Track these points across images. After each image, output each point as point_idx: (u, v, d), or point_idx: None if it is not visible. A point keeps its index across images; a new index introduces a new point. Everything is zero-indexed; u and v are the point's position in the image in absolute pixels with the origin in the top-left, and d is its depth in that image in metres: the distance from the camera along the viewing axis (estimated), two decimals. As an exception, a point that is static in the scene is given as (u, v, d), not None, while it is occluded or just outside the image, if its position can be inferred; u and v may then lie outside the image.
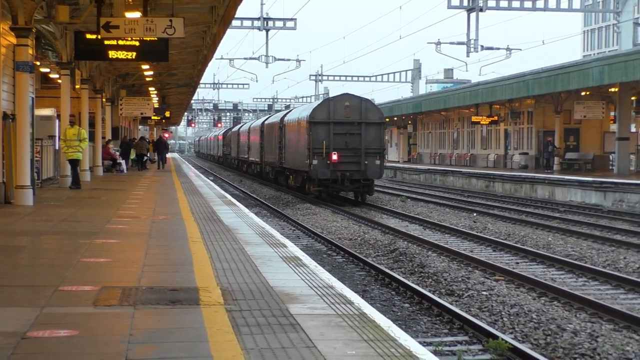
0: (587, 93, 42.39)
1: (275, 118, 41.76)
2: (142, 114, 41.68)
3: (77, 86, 28.72)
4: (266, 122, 43.89)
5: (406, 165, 58.91)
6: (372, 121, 30.61)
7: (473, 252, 18.10)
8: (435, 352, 8.94)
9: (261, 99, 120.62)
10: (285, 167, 36.77)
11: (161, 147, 45.00)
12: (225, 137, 78.25)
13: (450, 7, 46.06)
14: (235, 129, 67.11)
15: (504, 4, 46.59)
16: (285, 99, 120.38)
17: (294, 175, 35.06)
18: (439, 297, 12.27)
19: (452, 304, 11.82)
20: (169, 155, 68.60)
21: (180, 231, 12.84)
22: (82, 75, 28.77)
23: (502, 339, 9.37)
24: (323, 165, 30.47)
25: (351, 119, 30.49)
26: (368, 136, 30.49)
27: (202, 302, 7.16)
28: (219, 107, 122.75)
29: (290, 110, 39.92)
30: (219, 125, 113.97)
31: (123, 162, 37.82)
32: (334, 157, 30.26)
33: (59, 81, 25.69)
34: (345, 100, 30.89)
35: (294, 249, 10.97)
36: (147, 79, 38.19)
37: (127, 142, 42.50)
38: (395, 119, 69.44)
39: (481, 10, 46.16)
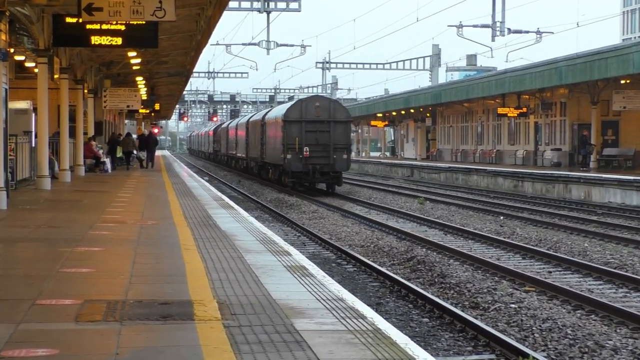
0: (628, 81, 42.26)
1: (258, 116, 49.29)
2: (128, 106, 41.73)
3: (55, 76, 28.77)
4: (251, 120, 51.32)
5: (424, 163, 58.91)
6: (340, 120, 38.09)
7: (500, 260, 18.06)
8: (458, 373, 8.91)
9: (262, 89, 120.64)
10: (266, 162, 44.20)
11: (150, 143, 45.06)
12: (216, 133, 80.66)
13: (473, -15, 46.06)
14: (225, 125, 72.18)
15: (533, -19, 46.58)
16: (289, 89, 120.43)
17: (273, 169, 42.55)
18: (462, 311, 12.25)
19: (476, 318, 11.81)
20: (158, 152, 68.76)
21: (172, 238, 12.84)
22: (61, 63, 28.82)
23: (534, 358, 9.35)
24: (296, 160, 37.82)
25: (321, 118, 37.89)
26: (336, 133, 37.90)
27: (197, 317, 7.15)
28: (215, 99, 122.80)
29: (271, 109, 47.94)
30: (215, 119, 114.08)
31: (107, 160, 37.87)
32: (306, 152, 37.57)
33: (36, 70, 25.74)
34: (315, 101, 39.03)
35: (299, 257, 10.97)
36: (134, 67, 38.23)
37: (114, 139, 42.57)
38: (412, 111, 69.43)
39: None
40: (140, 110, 52.46)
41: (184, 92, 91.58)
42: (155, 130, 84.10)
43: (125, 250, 11.43)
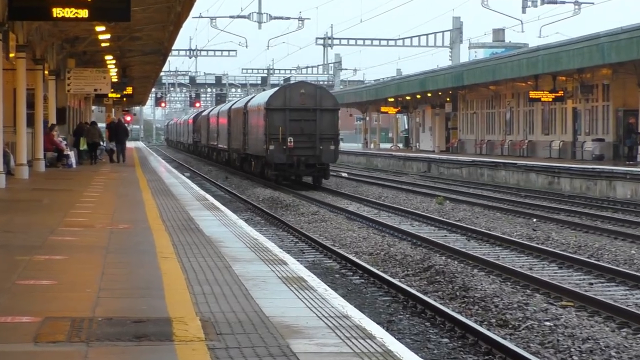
0: (682, 60, 42.25)
1: (240, 103, 51.52)
2: (96, 90, 41.73)
3: (11, 55, 28.73)
4: (233, 107, 53.36)
5: (444, 156, 58.93)
6: (327, 108, 40.45)
7: (533, 269, 18.06)
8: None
9: (252, 69, 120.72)
10: (248, 154, 46.72)
11: (120, 133, 45.06)
12: (196, 121, 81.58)
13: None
14: (205, 113, 73.62)
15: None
16: (284, 70, 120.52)
17: (255, 161, 45.14)
18: (488, 330, 12.24)
19: (505, 338, 11.80)
20: (130, 144, 68.74)
21: (147, 244, 12.84)
22: (17, 40, 28.80)
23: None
24: (279, 151, 40.19)
25: (306, 106, 40.19)
26: (323, 122, 40.20)
27: (177, 337, 7.15)
28: (197, 81, 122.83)
29: (254, 96, 50.17)
30: (198, 104, 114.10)
31: (72, 153, 37.88)
32: (290, 142, 39.90)
33: (-13, 48, 25.68)
34: (300, 87, 41.37)
35: (296, 267, 10.97)
36: (103, 44, 38.23)
37: (81, 128, 42.58)
38: (429, 95, 69.44)
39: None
40: (110, 95, 52.42)
41: (162, 74, 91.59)
42: (128, 118, 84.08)
43: (93, 258, 11.43)
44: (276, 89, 43.17)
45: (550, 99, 51.22)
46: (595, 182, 38.46)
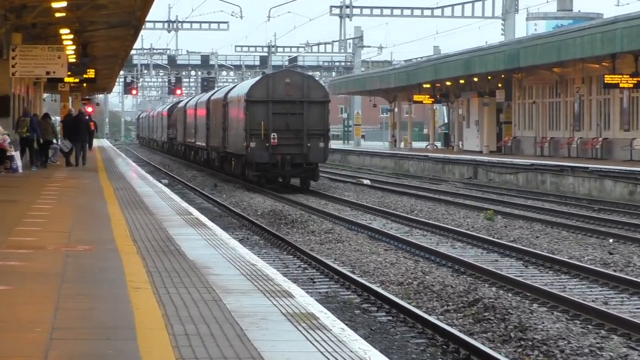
0: None
1: (220, 93, 55.29)
2: (48, 73, 41.77)
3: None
4: (212, 98, 57.38)
5: (494, 158, 58.84)
6: (315, 100, 44.10)
7: (609, 304, 18.00)
8: None
9: (249, 47, 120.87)
10: (228, 152, 50.49)
11: (80, 129, 45.05)
12: (171, 114, 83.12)
13: None
14: (182, 104, 76.53)
15: None
16: (289, 47, 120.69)
17: (236, 160, 49.11)
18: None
19: (573, 393, 11.76)
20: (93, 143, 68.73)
21: (114, 271, 12.83)
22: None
23: None
24: (261, 148, 43.91)
25: (292, 98, 43.88)
26: (311, 116, 43.91)
27: (152, 390, 7.14)
28: (179, 62, 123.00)
29: (235, 85, 54.18)
30: (179, 92, 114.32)
31: (16, 154, 37.92)
32: (273, 139, 43.51)
33: None
34: (285, 76, 44.82)
35: (305, 301, 10.95)
36: (58, 15, 38.25)
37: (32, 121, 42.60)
38: (476, 79, 69.34)
39: None
40: (67, 80, 52.53)
41: (133, 52, 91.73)
42: (89, 109, 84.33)
43: (44, 289, 11.41)
44: (258, 78, 47.02)
45: (632, 85, 51.12)
46: (690, 191, 38.34)
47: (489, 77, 68.13)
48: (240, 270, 13.24)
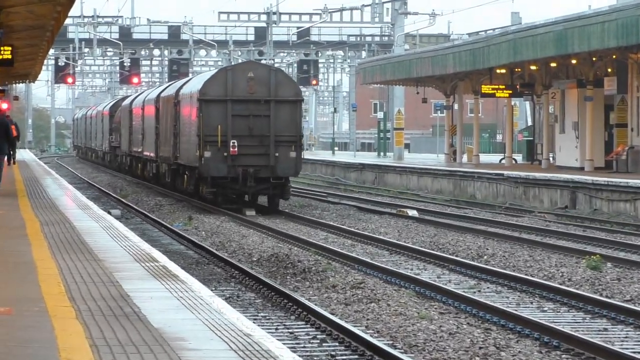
0: None
1: (172, 89, 59.56)
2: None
3: None
4: (162, 95, 61.69)
5: (601, 179, 58.76)
6: (285, 99, 48.65)
7: None
8: None
9: (239, 14, 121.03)
10: (180, 164, 54.85)
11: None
12: (114, 115, 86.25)
13: None
14: (127, 101, 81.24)
15: None
16: (298, 14, 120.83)
17: (189, 173, 53.39)
18: None
19: None
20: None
21: (44, 345, 12.91)
22: None
23: None
24: (218, 159, 48.14)
25: (256, 96, 48.33)
26: (279, 119, 48.53)
27: None
28: (136, 37, 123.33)
29: (190, 79, 58.48)
30: (135, 80, 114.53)
31: None
32: (233, 147, 47.44)
33: None
34: (248, 69, 49.00)
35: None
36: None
37: None
38: (574, 62, 69.37)
39: None
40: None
41: (68, 22, 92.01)
42: (4, 105, 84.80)
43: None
44: (214, 71, 51.19)
45: None
46: None
47: (594, 59, 68.18)
48: (228, 343, 13.28)
